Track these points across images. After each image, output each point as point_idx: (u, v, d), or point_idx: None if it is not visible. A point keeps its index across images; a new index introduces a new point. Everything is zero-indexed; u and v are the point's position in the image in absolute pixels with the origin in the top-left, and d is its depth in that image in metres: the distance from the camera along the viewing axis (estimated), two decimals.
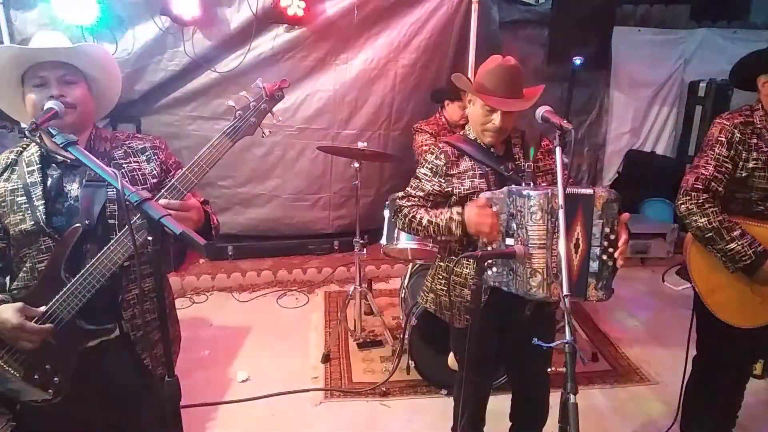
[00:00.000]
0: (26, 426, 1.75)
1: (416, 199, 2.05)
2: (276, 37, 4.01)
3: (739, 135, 1.96)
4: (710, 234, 1.95)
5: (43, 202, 1.54)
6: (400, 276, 3.80)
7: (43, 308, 1.49)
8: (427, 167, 2.03)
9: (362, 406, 2.94)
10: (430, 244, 3.05)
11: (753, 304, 2.02)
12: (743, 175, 1.97)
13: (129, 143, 1.69)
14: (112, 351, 1.61)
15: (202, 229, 1.58)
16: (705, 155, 2.02)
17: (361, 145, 3.23)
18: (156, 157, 1.70)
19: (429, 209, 2.02)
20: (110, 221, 1.56)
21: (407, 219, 2.04)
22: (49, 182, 1.57)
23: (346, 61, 4.22)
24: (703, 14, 4.98)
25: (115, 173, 1.34)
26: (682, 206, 2.01)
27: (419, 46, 4.21)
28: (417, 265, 3.39)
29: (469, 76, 4.00)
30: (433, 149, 2.05)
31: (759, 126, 1.97)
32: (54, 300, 1.49)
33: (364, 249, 3.52)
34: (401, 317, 3.43)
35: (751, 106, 2.03)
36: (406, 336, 2.97)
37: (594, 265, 1.74)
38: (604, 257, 1.74)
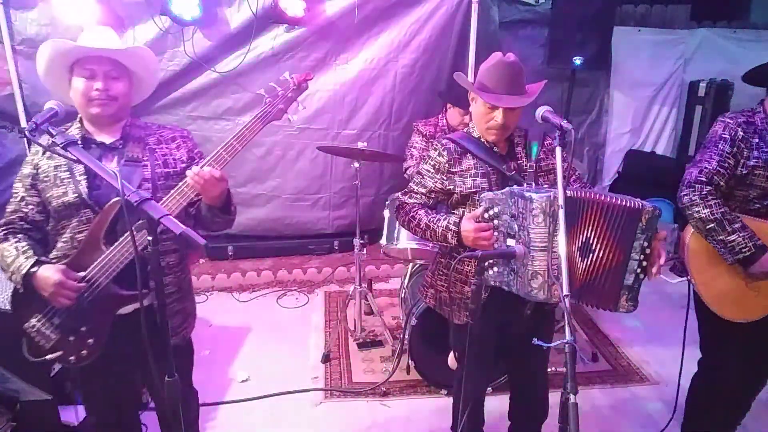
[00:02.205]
0: (26, 426, 1.80)
1: (418, 196, 2.05)
2: (276, 37, 4.01)
3: (742, 133, 1.99)
4: (712, 225, 1.97)
5: (85, 177, 1.69)
6: (400, 276, 3.80)
7: (82, 273, 1.63)
8: (429, 163, 2.03)
9: (362, 406, 2.94)
10: (431, 244, 3.05)
11: (748, 297, 2.04)
12: (744, 172, 1.99)
13: (161, 132, 1.87)
14: (135, 319, 1.69)
15: (223, 205, 1.75)
16: (708, 151, 2.04)
17: (361, 145, 3.23)
18: (184, 144, 1.88)
19: (429, 211, 2.02)
20: None
21: (407, 217, 2.05)
22: None
23: (346, 61, 4.22)
24: (703, 14, 4.98)
25: (114, 173, 1.43)
26: (685, 197, 2.03)
27: (419, 46, 4.21)
28: (417, 265, 3.39)
29: (469, 76, 4.01)
30: (436, 145, 2.05)
31: (760, 127, 2.01)
32: (93, 266, 1.64)
33: (364, 249, 3.52)
34: (401, 317, 3.43)
35: (752, 109, 2.07)
36: (406, 336, 2.97)
37: (630, 278, 1.75)
38: (638, 270, 1.74)
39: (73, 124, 1.77)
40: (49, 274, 1.60)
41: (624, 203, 1.73)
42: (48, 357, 1.69)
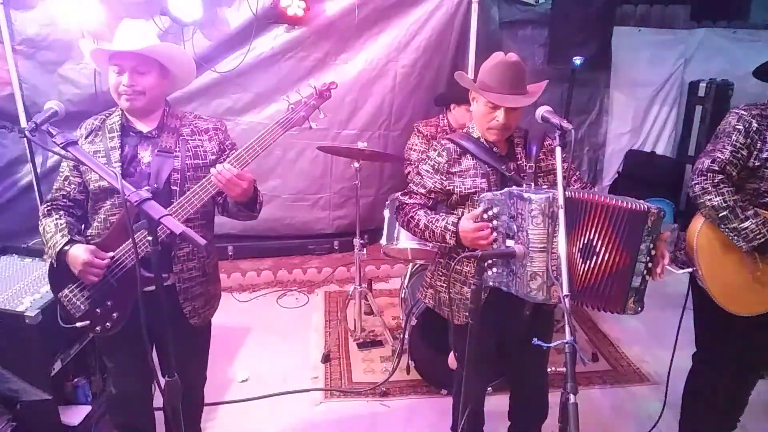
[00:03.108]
0: (26, 426, 1.82)
1: (418, 197, 2.05)
2: (276, 37, 4.01)
3: (756, 125, 1.98)
4: (725, 213, 1.96)
5: (119, 164, 1.79)
6: (400, 276, 3.80)
7: (111, 254, 1.75)
8: (429, 164, 2.03)
9: (362, 406, 2.94)
10: (431, 244, 3.05)
11: (754, 291, 2.05)
12: (756, 164, 1.99)
13: (196, 123, 1.94)
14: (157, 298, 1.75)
15: (248, 201, 1.82)
16: (721, 141, 2.03)
17: (361, 145, 3.23)
18: (216, 136, 1.94)
19: (428, 212, 2.02)
20: (173, 187, 1.81)
21: (407, 218, 2.05)
22: (126, 148, 1.83)
23: (346, 61, 4.21)
24: (703, 14, 4.98)
25: (115, 173, 1.48)
26: (697, 186, 2.01)
27: (419, 46, 4.21)
28: (417, 265, 3.39)
29: (470, 76, 4.00)
30: (436, 146, 2.05)
31: None
32: (120, 248, 1.76)
33: (364, 249, 3.52)
34: (401, 317, 3.43)
35: (765, 103, 2.06)
36: (406, 336, 2.97)
37: (637, 281, 1.74)
38: (645, 272, 1.74)
39: (115, 110, 1.87)
40: (79, 253, 1.71)
41: (629, 206, 1.72)
42: (78, 324, 1.82)
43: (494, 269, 1.80)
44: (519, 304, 1.90)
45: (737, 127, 2.00)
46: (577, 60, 4.33)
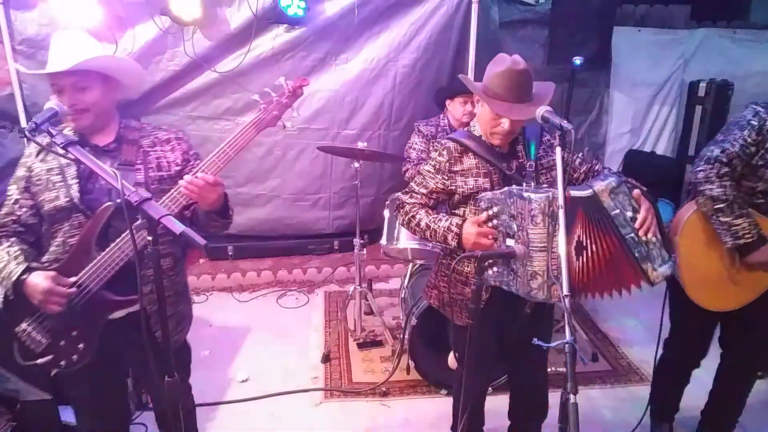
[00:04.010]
0: (26, 426, 1.81)
1: (419, 197, 2.05)
2: (276, 37, 4.01)
3: None
4: (721, 205, 1.97)
5: (77, 181, 1.67)
6: (400, 276, 3.81)
7: (73, 279, 1.61)
8: (430, 164, 2.03)
9: (362, 406, 2.94)
10: (431, 244, 3.05)
11: (726, 287, 2.07)
12: (759, 163, 2.00)
13: (156, 134, 1.83)
14: (128, 324, 1.68)
15: (221, 208, 1.71)
16: (733, 133, 2.03)
17: (361, 145, 3.23)
18: (179, 147, 1.83)
19: (430, 211, 2.01)
20: None
21: (407, 217, 2.04)
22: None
23: (346, 61, 4.22)
24: (703, 14, 4.98)
25: (114, 173, 1.42)
26: (701, 173, 2.02)
27: (419, 46, 4.21)
28: (417, 265, 3.39)
29: (469, 76, 4.00)
30: (437, 145, 2.05)
31: None
32: (84, 271, 1.62)
33: (364, 249, 3.52)
34: (401, 317, 3.43)
35: None
36: (406, 336, 2.97)
37: (641, 250, 1.72)
38: (643, 238, 1.72)
39: (67, 124, 1.72)
40: (39, 281, 1.58)
41: (573, 194, 1.70)
42: (39, 361, 1.67)
43: (495, 268, 1.80)
44: (519, 304, 1.90)
45: (752, 122, 2.00)
46: (577, 60, 4.32)
